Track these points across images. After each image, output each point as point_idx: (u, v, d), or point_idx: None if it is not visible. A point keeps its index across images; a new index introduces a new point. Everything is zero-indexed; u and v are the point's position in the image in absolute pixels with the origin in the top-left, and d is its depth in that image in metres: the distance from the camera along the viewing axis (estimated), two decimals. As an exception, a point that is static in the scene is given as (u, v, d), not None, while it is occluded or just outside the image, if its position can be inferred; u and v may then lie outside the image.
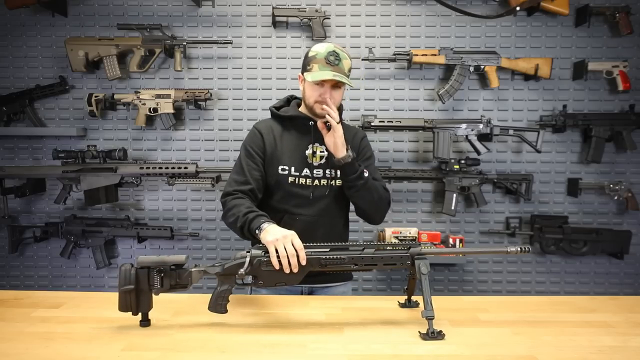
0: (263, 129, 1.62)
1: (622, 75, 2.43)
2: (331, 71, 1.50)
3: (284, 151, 1.60)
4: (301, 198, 1.59)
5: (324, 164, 1.60)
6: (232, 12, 2.54)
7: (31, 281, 2.70)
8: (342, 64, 1.53)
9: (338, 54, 1.52)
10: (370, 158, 1.70)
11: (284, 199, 1.60)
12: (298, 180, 1.58)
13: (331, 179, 1.60)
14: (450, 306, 1.42)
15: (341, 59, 1.53)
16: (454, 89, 2.45)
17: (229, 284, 1.26)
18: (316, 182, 1.59)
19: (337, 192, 1.62)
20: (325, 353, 1.12)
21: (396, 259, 1.27)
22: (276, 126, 1.64)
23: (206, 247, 2.64)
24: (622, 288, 2.63)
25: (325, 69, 1.50)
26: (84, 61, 2.44)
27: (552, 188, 2.60)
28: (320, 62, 1.51)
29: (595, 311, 1.40)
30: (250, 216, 1.40)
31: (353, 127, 1.79)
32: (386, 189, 1.66)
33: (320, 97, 1.54)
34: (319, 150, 1.60)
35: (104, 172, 2.44)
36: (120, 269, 1.22)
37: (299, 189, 1.59)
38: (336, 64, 1.52)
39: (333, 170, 1.59)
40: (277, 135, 1.61)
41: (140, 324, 1.26)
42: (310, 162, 1.60)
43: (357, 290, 2.67)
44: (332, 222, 1.63)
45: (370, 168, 1.64)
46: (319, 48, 1.54)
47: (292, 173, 1.58)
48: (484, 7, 2.51)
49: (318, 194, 1.59)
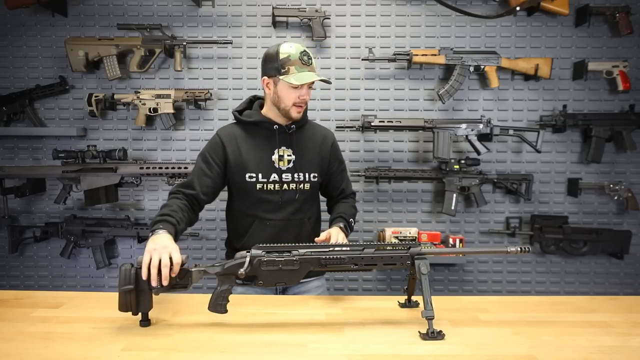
0: (225, 137, 1.59)
1: (622, 75, 2.43)
2: (309, 71, 1.50)
3: (250, 158, 1.57)
4: (271, 204, 1.59)
5: (292, 167, 1.59)
6: (232, 12, 2.54)
7: (31, 281, 2.70)
8: (314, 63, 1.54)
9: (309, 53, 1.52)
10: (342, 162, 1.73)
11: (254, 205, 1.60)
12: (266, 186, 1.57)
13: (300, 182, 1.60)
14: (450, 306, 1.42)
15: (312, 58, 1.53)
16: (454, 89, 2.45)
17: (229, 284, 1.26)
18: (285, 187, 1.59)
19: (307, 195, 1.63)
20: (325, 353, 1.12)
21: (396, 259, 1.27)
22: (239, 132, 1.61)
23: (206, 247, 2.64)
24: (622, 288, 2.63)
25: (304, 69, 1.49)
26: (84, 61, 2.44)
27: (552, 188, 2.60)
28: (296, 64, 1.49)
29: (595, 311, 1.40)
30: (157, 219, 1.39)
31: (322, 128, 1.74)
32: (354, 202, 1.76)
33: (299, 98, 1.52)
34: (286, 154, 1.59)
35: (104, 172, 2.44)
36: (120, 269, 1.22)
37: (267, 195, 1.58)
38: (310, 63, 1.52)
39: (302, 174, 1.60)
40: (241, 142, 1.58)
41: (140, 324, 1.26)
42: (277, 166, 1.58)
43: (357, 290, 2.67)
44: (302, 223, 1.64)
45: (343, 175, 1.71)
46: (288, 49, 1.50)
47: (259, 180, 1.57)
48: (484, 7, 2.51)
49: (287, 198, 1.59)
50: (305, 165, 1.61)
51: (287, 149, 1.59)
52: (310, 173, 1.62)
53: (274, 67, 1.51)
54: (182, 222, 1.44)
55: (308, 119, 1.69)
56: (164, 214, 1.41)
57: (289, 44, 1.52)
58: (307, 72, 1.49)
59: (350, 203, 1.74)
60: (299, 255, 1.27)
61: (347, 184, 1.75)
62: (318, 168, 1.63)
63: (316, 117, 2.57)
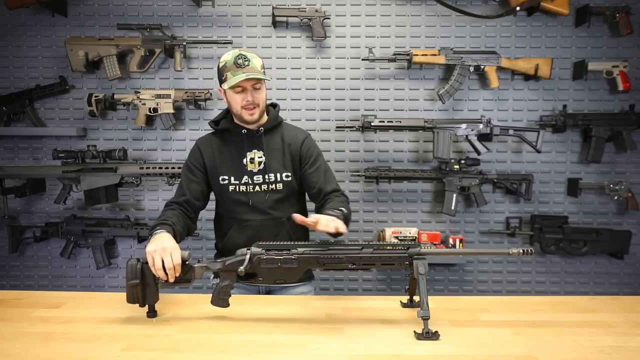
0: (201, 144, 1.67)
1: (622, 75, 2.42)
2: (243, 73, 1.51)
3: (224, 162, 1.64)
4: (242, 205, 1.63)
5: (262, 169, 1.62)
6: (232, 12, 2.54)
7: (31, 281, 2.70)
8: (253, 63, 1.54)
9: (246, 56, 1.54)
10: (316, 161, 1.65)
11: (229, 208, 1.65)
12: (238, 188, 1.62)
13: (271, 183, 1.62)
14: (450, 306, 1.42)
15: (250, 59, 1.54)
16: (454, 89, 2.45)
17: (230, 280, 1.30)
18: (257, 189, 1.62)
19: (282, 194, 1.63)
20: (325, 353, 1.12)
21: (394, 259, 1.27)
22: (215, 140, 1.67)
23: (206, 247, 2.64)
24: (622, 288, 2.63)
25: (237, 72, 1.52)
26: (84, 61, 2.44)
27: (552, 188, 2.60)
28: (232, 69, 1.52)
29: (595, 311, 1.40)
30: (153, 224, 1.45)
31: (295, 128, 1.74)
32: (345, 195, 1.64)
33: (243, 101, 1.56)
34: (257, 156, 1.63)
35: (104, 172, 2.44)
36: (127, 264, 1.27)
37: (239, 196, 1.63)
38: (246, 65, 1.53)
39: (272, 175, 1.62)
40: (216, 148, 1.65)
41: (147, 315, 1.31)
42: (249, 169, 1.62)
43: (357, 290, 2.67)
44: (279, 223, 1.64)
45: (318, 173, 1.62)
46: (226, 57, 1.55)
47: (232, 182, 1.62)
48: (484, 7, 2.51)
49: (257, 199, 1.62)
50: (275, 165, 1.63)
51: (258, 152, 1.63)
52: (282, 173, 1.63)
53: (219, 77, 1.58)
54: (179, 225, 1.48)
55: (282, 120, 1.70)
56: (159, 220, 1.47)
57: (227, 53, 1.56)
58: (239, 74, 1.51)
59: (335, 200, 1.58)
60: (298, 254, 1.28)
61: (326, 183, 1.63)
62: (290, 167, 1.64)
63: (316, 117, 2.57)
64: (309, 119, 2.56)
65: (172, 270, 1.25)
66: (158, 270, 1.25)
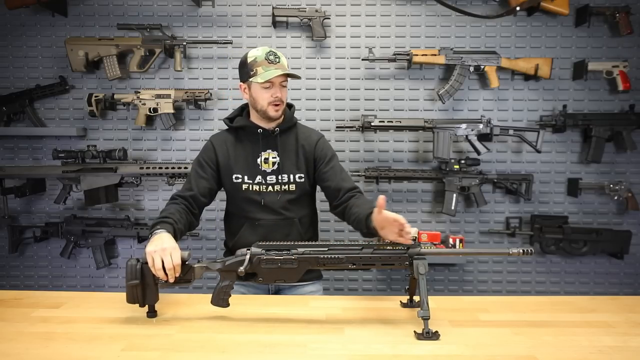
0: (216, 142, 1.67)
1: (622, 75, 2.42)
2: (276, 69, 1.53)
3: (237, 160, 1.64)
4: (255, 204, 1.63)
5: (276, 169, 1.63)
6: (232, 12, 2.54)
7: (31, 281, 2.70)
8: (282, 60, 1.56)
9: (276, 53, 1.56)
10: (331, 160, 1.65)
11: (241, 206, 1.65)
12: (251, 187, 1.62)
13: (284, 183, 1.63)
14: (450, 306, 1.42)
15: (280, 57, 1.56)
16: (454, 89, 2.45)
17: (230, 280, 1.30)
18: (270, 189, 1.62)
19: (295, 195, 1.64)
20: (325, 353, 1.12)
21: (394, 259, 1.28)
22: (229, 137, 1.67)
23: (206, 247, 2.64)
24: (622, 288, 2.63)
25: (270, 68, 1.53)
26: (84, 61, 2.44)
27: (552, 188, 2.60)
28: (263, 64, 1.53)
29: (595, 311, 1.40)
30: (154, 222, 1.44)
31: (309, 129, 1.74)
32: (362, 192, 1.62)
33: (272, 97, 1.56)
34: (271, 157, 1.63)
35: (104, 172, 2.44)
36: (127, 264, 1.27)
37: (252, 195, 1.63)
38: (277, 61, 1.55)
39: (286, 175, 1.62)
40: (230, 146, 1.65)
41: (147, 315, 1.31)
42: (263, 169, 1.62)
43: (357, 290, 2.67)
44: (291, 223, 1.65)
45: (335, 169, 1.63)
46: (255, 52, 1.56)
47: (245, 181, 1.63)
48: (484, 7, 2.51)
49: (270, 199, 1.62)
50: (289, 166, 1.63)
51: (273, 152, 1.63)
52: (295, 174, 1.64)
53: (245, 72, 1.58)
54: (180, 222, 1.47)
55: (296, 121, 1.71)
56: (161, 217, 1.46)
57: (256, 49, 1.58)
58: (272, 70, 1.53)
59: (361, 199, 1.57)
60: (298, 254, 1.28)
61: (343, 180, 1.62)
62: (304, 169, 1.64)
63: (316, 117, 2.57)
64: (309, 119, 2.56)
65: (172, 270, 1.25)
66: (158, 270, 1.25)
